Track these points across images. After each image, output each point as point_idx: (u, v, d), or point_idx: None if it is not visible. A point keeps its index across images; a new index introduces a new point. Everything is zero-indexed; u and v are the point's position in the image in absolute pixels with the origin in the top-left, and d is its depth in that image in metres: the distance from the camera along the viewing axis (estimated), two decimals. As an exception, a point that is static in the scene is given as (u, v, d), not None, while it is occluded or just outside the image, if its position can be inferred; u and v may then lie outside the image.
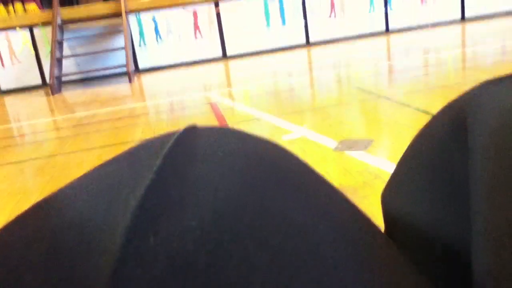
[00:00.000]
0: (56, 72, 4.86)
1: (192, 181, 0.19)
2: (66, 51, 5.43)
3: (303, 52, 5.45)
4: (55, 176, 1.77)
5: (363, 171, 1.33)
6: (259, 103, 2.70)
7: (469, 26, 5.81)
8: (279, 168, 0.23)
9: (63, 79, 5.17)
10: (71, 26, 5.43)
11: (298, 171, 0.25)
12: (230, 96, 3.10)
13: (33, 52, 5.48)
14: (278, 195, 0.20)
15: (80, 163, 1.93)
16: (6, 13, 5.51)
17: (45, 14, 5.42)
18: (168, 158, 0.21)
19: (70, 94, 4.58)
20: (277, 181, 0.22)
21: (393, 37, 5.66)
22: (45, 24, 5.39)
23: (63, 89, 5.00)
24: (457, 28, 5.79)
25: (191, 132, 0.25)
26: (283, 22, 5.73)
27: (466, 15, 6.05)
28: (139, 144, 0.25)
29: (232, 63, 5.39)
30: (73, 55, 5.37)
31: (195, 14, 5.54)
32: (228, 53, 5.73)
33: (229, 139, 0.25)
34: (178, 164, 0.21)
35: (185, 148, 0.23)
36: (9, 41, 5.43)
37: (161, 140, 0.24)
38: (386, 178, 0.35)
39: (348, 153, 1.51)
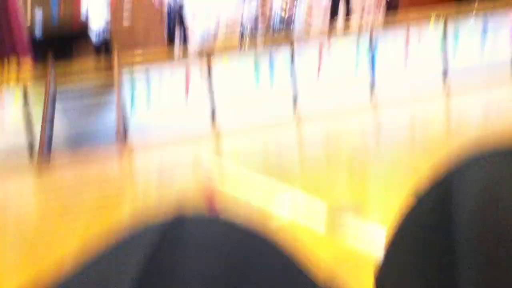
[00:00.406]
0: (47, 131, 4.86)
1: (177, 280, 0.20)
2: (59, 106, 5.45)
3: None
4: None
5: (355, 253, 1.33)
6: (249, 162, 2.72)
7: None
8: (265, 266, 0.24)
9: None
10: (64, 81, 5.48)
11: (283, 268, 0.26)
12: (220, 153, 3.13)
13: (24, 108, 5.49)
14: None
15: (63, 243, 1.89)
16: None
17: (38, 70, 5.47)
18: (153, 256, 0.21)
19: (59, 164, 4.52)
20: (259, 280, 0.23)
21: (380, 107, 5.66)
22: (38, 79, 5.43)
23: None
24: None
25: (178, 223, 0.25)
26: (272, 79, 5.83)
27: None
28: (123, 237, 0.25)
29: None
30: (64, 110, 5.39)
31: (187, 68, 5.65)
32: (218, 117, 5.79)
33: (216, 233, 0.25)
34: (163, 262, 0.21)
35: (171, 244, 0.23)
36: (1, 98, 5.46)
37: (147, 232, 0.24)
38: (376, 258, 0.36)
39: (338, 234, 1.51)
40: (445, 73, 6.11)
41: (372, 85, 5.89)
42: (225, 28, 8.75)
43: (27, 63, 5.68)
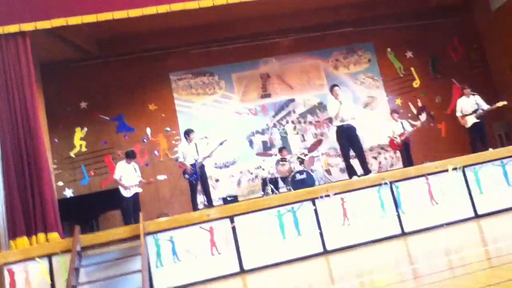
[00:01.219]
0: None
1: None
2: (83, 277, 5.37)
3: (321, 260, 5.35)
4: None
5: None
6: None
7: (484, 222, 5.81)
8: None
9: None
10: (89, 252, 5.50)
11: None
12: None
13: (49, 281, 5.42)
14: None
15: None
16: (29, 244, 5.68)
17: (65, 242, 5.56)
18: None
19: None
20: None
21: (410, 239, 5.62)
22: (64, 252, 5.47)
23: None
24: (473, 225, 5.78)
25: None
26: (298, 233, 5.79)
27: (479, 212, 6.11)
28: None
29: (249, 277, 5.25)
30: (88, 282, 5.29)
31: (211, 231, 5.66)
32: (245, 267, 5.63)
33: None
34: None
35: None
36: (27, 272, 5.44)
37: None
38: None
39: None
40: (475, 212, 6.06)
41: (399, 221, 5.87)
42: (246, 185, 9.00)
43: (55, 238, 5.80)
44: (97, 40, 9.35)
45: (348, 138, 7.02)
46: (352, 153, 7.25)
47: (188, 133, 7.76)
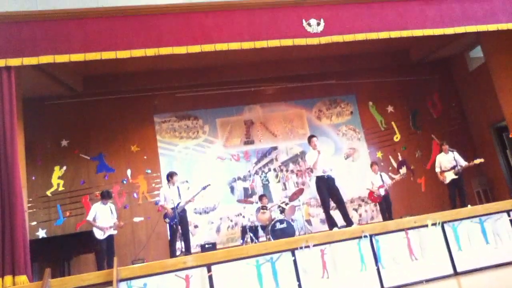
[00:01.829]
0: None
1: None
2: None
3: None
4: None
5: None
6: None
7: (464, 280, 5.78)
8: None
9: None
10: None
11: None
12: None
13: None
14: None
15: None
16: (-6, 286, 5.41)
17: (34, 286, 5.31)
18: None
19: None
20: None
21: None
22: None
23: None
24: (453, 282, 5.74)
25: None
26: (277, 284, 5.65)
27: (458, 269, 6.08)
28: None
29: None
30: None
31: (187, 278, 5.48)
32: (221, 319, 5.42)
33: None
34: None
35: None
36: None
37: None
38: None
39: None
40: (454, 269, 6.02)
41: (379, 275, 5.79)
42: (226, 232, 8.85)
43: (23, 281, 5.54)
44: (83, 77, 9.38)
45: (327, 188, 7.07)
46: (332, 204, 7.28)
47: (171, 175, 7.69)
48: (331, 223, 7.06)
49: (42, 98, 9.14)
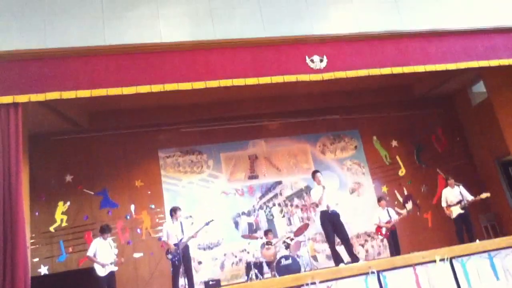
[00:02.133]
0: None
1: None
2: None
3: None
4: None
5: None
6: None
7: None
8: None
9: None
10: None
11: None
12: None
13: None
14: None
15: None
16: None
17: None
18: None
19: None
20: None
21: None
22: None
23: None
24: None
25: None
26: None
27: None
28: None
29: None
30: None
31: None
32: None
33: None
34: None
35: None
36: None
37: None
38: None
39: None
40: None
41: None
42: (230, 269, 8.70)
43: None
44: (89, 113, 9.47)
45: (332, 224, 7.02)
46: (337, 239, 7.20)
47: (174, 210, 7.64)
48: (337, 259, 6.95)
49: (47, 134, 9.22)
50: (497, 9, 8.18)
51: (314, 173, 7.40)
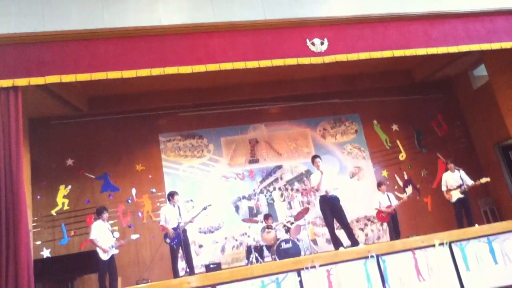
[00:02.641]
0: None
1: None
2: None
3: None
4: None
5: None
6: None
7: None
8: None
9: None
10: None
11: None
12: None
13: None
14: None
15: None
16: (-4, 307, 5.35)
17: (36, 306, 5.26)
18: None
19: None
20: None
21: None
22: (34, 317, 5.17)
23: None
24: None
25: None
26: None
27: (467, 291, 5.99)
28: None
29: None
30: None
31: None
32: None
33: None
34: None
35: None
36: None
37: None
38: None
39: None
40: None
41: None
42: (231, 252, 8.77)
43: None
44: (88, 98, 9.44)
45: (331, 208, 7.04)
46: (336, 224, 7.23)
47: (172, 195, 7.67)
48: (337, 243, 7.00)
49: (48, 118, 9.21)
50: (500, -8, 8.10)
51: (313, 158, 7.40)
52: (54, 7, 6.50)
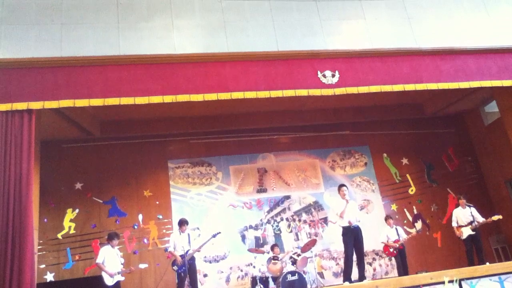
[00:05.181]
0: None
1: None
2: None
3: None
4: None
5: None
6: None
7: None
8: None
9: None
10: None
11: None
12: None
13: None
14: None
15: None
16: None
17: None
18: None
19: None
20: None
21: None
22: None
23: None
24: None
25: None
26: None
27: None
28: None
29: None
30: None
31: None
32: None
33: None
34: None
35: None
36: None
37: None
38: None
39: None
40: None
41: None
42: (235, 283, 8.60)
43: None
44: (101, 122, 9.54)
45: (354, 240, 6.95)
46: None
47: (182, 223, 7.62)
48: (348, 277, 6.82)
49: (59, 141, 9.30)
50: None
51: (340, 186, 7.30)
52: (71, 33, 6.66)
